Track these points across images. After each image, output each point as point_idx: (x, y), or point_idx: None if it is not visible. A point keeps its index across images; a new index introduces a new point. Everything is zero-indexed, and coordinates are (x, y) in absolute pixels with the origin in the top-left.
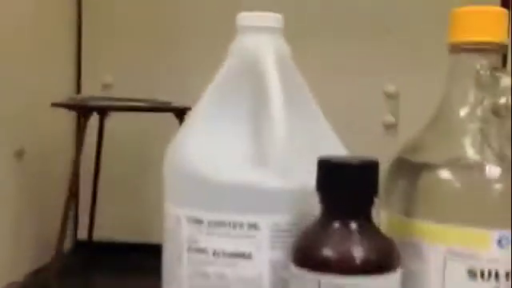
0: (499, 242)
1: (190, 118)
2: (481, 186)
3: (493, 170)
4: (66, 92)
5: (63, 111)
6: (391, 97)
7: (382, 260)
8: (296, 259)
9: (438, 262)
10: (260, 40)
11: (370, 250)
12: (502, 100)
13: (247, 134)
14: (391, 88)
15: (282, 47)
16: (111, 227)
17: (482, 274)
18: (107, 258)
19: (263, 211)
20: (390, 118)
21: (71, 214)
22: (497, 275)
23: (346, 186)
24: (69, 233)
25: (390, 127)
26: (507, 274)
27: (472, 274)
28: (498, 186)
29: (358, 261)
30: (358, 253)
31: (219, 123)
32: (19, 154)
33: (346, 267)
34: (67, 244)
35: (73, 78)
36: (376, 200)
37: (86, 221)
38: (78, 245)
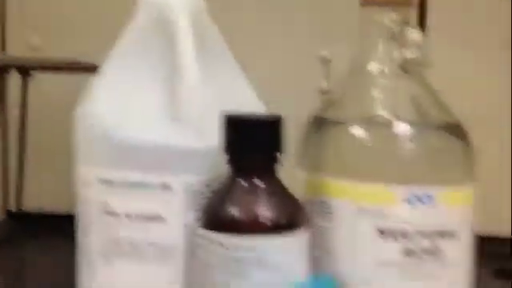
0: (408, 200)
1: (98, 75)
2: (391, 143)
3: (403, 127)
4: None
5: None
6: (325, 62)
7: (287, 218)
8: (201, 221)
9: (348, 220)
10: None
11: (275, 209)
12: (411, 55)
13: (159, 91)
14: (325, 53)
15: (196, 1)
16: (42, 196)
17: (392, 233)
18: (37, 229)
19: (176, 171)
20: (325, 84)
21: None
22: (406, 234)
23: (248, 143)
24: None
25: (326, 93)
26: (418, 233)
27: (381, 232)
28: (408, 144)
29: (261, 219)
30: (262, 212)
31: (129, 79)
32: None
33: (249, 226)
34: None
35: None
36: (280, 157)
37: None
38: (9, 216)
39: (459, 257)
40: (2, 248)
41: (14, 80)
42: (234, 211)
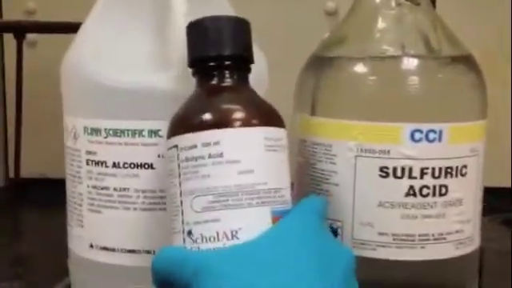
0: (412, 136)
1: (85, 22)
2: (394, 79)
3: (408, 62)
4: None
5: None
6: (331, 14)
7: (262, 113)
8: (169, 132)
9: (348, 161)
10: None
11: (247, 104)
12: None
13: (147, 35)
14: (331, 5)
15: None
16: (40, 162)
17: (395, 171)
18: (37, 195)
19: (165, 117)
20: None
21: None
22: (410, 172)
23: (213, 44)
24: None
25: None
26: (422, 171)
27: (384, 171)
28: (412, 79)
29: (234, 112)
30: (234, 105)
31: (114, 30)
32: None
33: (223, 120)
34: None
35: None
36: (250, 66)
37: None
38: (10, 182)
39: (467, 194)
40: (3, 213)
41: (9, 43)
42: (201, 111)
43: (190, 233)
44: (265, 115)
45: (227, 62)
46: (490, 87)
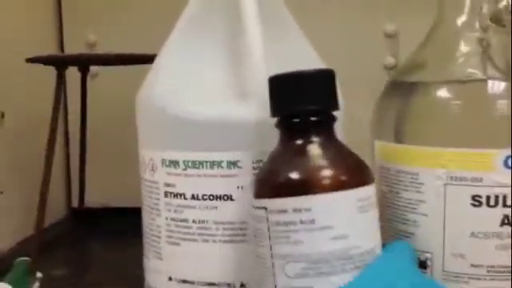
0: (505, 162)
1: (159, 56)
2: (483, 103)
3: (495, 85)
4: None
5: (45, 73)
6: (390, 36)
7: (352, 172)
8: (256, 191)
9: (437, 189)
10: None
11: (337, 164)
12: (503, 3)
13: (223, 67)
14: (390, 27)
15: None
16: (103, 192)
17: (488, 200)
18: (101, 225)
19: (243, 147)
20: (390, 60)
21: (62, 181)
22: (505, 200)
23: (298, 99)
24: (62, 201)
25: (391, 68)
26: None
27: (476, 199)
28: (501, 103)
29: (325, 176)
30: (324, 168)
31: (189, 60)
32: None
33: (313, 185)
34: (62, 212)
35: (56, 39)
36: (337, 115)
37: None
38: (73, 212)
39: None
40: (66, 243)
41: (72, 77)
42: (289, 172)
43: None
44: (355, 175)
45: (313, 118)
46: None
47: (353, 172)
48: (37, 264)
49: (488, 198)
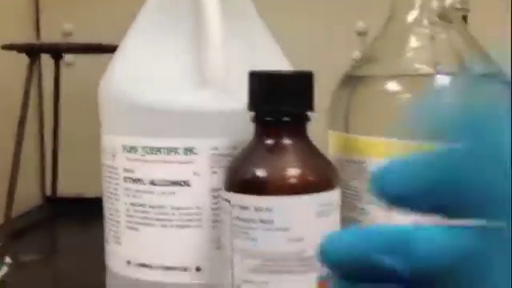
0: None
1: (121, 45)
2: (428, 97)
3: (441, 80)
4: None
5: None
6: (361, 34)
7: (317, 177)
8: (225, 182)
9: None
10: None
11: (304, 167)
12: (448, 1)
13: (183, 59)
14: (361, 26)
15: None
16: (76, 182)
17: None
18: (73, 213)
19: (200, 135)
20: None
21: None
22: None
23: (276, 99)
24: (36, 190)
25: None
26: None
27: None
28: (449, 96)
29: (289, 179)
30: (290, 170)
31: (150, 50)
32: None
33: (277, 187)
34: (36, 201)
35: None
36: (312, 116)
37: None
38: (47, 201)
39: None
40: (38, 230)
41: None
42: (256, 171)
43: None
44: (320, 179)
45: (286, 119)
46: None
47: (317, 176)
48: (6, 250)
49: None
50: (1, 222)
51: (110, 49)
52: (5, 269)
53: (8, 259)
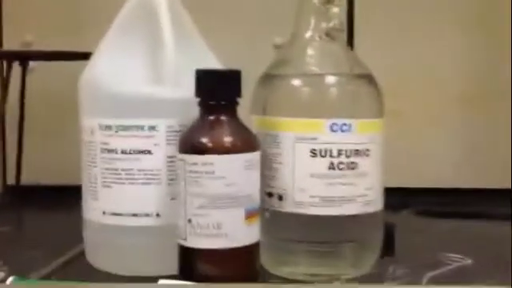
0: (331, 128)
1: (100, 47)
2: (318, 89)
3: (328, 78)
4: None
5: None
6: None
7: (244, 142)
8: (180, 147)
9: (289, 146)
10: None
11: (235, 135)
12: (331, 24)
13: (146, 57)
14: (279, 40)
15: None
16: (38, 172)
17: (320, 152)
18: (35, 201)
19: (160, 116)
20: None
21: None
22: (331, 153)
23: (214, 88)
24: None
25: None
26: (338, 152)
27: (313, 152)
28: (332, 89)
29: (225, 143)
30: (226, 137)
31: (122, 51)
32: None
33: (216, 148)
34: None
35: None
36: (239, 100)
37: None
38: (8, 189)
39: (371, 169)
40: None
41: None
42: (202, 138)
43: (190, 221)
44: (245, 144)
45: (223, 102)
46: None
47: (243, 141)
48: None
49: (320, 151)
50: None
51: (71, 56)
52: None
53: None
